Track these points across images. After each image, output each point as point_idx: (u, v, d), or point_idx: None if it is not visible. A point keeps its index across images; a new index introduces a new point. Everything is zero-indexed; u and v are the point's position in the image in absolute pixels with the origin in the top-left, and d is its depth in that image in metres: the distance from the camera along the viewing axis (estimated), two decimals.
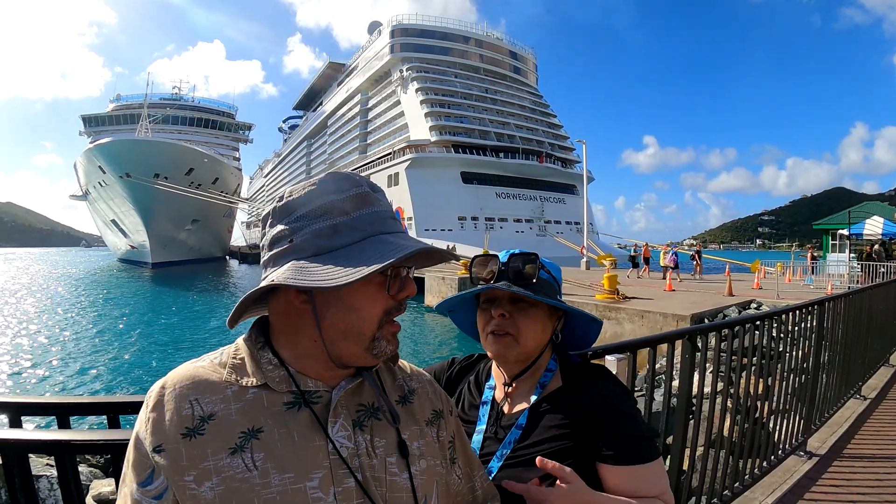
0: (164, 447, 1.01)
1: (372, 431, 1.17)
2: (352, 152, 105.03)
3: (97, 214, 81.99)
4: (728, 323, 4.13)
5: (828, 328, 5.71)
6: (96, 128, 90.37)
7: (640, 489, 1.58)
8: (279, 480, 1.02)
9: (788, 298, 18.26)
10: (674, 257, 31.15)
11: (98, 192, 69.51)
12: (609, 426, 1.62)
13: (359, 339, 1.11)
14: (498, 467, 1.65)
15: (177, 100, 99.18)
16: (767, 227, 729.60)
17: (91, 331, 25.96)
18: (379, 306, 1.11)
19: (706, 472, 3.78)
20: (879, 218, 28.77)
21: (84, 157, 65.79)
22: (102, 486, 5.38)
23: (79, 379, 17.38)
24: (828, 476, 4.71)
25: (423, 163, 78.28)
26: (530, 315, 1.74)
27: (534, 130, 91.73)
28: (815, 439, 5.43)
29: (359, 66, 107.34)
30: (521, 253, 1.77)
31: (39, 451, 1.80)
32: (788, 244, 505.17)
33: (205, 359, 1.16)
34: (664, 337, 3.39)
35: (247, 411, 1.07)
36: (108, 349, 21.88)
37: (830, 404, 5.98)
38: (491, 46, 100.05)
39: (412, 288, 1.15)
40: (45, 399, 2.02)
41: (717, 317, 16.34)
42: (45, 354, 20.63)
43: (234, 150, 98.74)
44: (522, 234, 77.85)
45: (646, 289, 23.27)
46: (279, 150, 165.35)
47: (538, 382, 1.77)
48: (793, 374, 5.11)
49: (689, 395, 3.52)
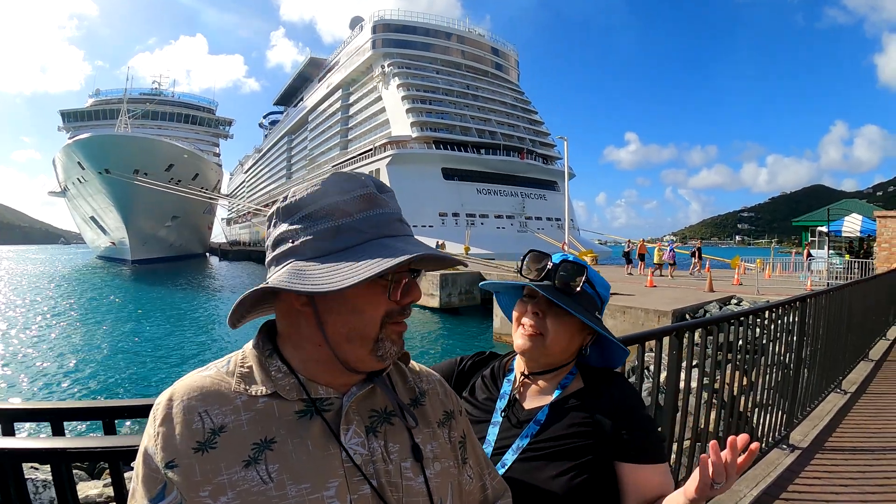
0: (176, 462, 0.99)
1: (386, 437, 1.16)
2: (332, 148, 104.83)
3: (76, 211, 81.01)
4: (714, 319, 4.18)
5: (809, 324, 5.79)
6: (75, 123, 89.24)
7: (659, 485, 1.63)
8: (296, 491, 1.00)
9: (768, 294, 18.54)
10: (672, 254, 31.21)
11: (77, 189, 68.74)
12: (632, 428, 1.66)
13: (362, 342, 1.10)
14: (513, 459, 1.67)
15: (157, 95, 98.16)
16: (747, 224, 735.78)
17: (75, 332, 25.52)
18: (381, 309, 1.10)
19: (692, 466, 3.81)
20: (858, 215, 29.06)
21: (63, 153, 64.98)
22: (89, 489, 5.33)
23: (68, 382, 17.15)
24: (810, 469, 4.78)
25: (404, 159, 78.28)
26: (563, 322, 1.75)
27: (515, 127, 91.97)
28: (797, 433, 5.51)
29: (340, 61, 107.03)
30: (572, 261, 1.79)
31: (35, 460, 1.75)
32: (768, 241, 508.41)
33: (211, 367, 1.14)
34: (652, 333, 3.44)
35: (258, 422, 1.06)
36: (93, 350, 21.62)
37: (812, 398, 6.08)
38: (473, 43, 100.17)
39: (417, 293, 1.14)
40: (37, 405, 1.99)
41: (699, 312, 16.53)
42: (29, 357, 20.29)
43: (214, 146, 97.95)
44: (503, 230, 77.94)
45: (627, 285, 23.33)
46: (260, 146, 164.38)
47: (559, 383, 1.80)
48: (775, 368, 5.19)
49: (676, 390, 3.57)
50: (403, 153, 79.07)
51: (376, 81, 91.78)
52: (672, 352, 3.56)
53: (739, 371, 4.58)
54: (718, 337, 4.10)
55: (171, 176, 61.95)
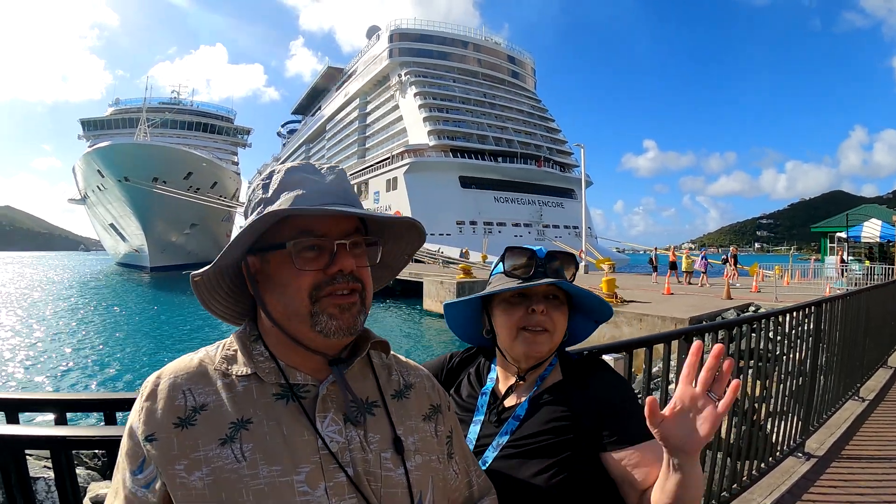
0: (156, 436, 1.03)
1: (366, 427, 1.16)
2: (350, 157, 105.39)
3: (96, 218, 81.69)
4: (725, 324, 4.13)
5: (825, 330, 5.71)
6: (95, 132, 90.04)
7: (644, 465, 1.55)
8: (267, 472, 1.02)
9: (787, 301, 18.20)
10: (704, 262, 30.14)
11: (97, 196, 69.30)
12: (612, 415, 1.63)
13: (299, 318, 1.11)
14: (493, 457, 1.65)
15: (175, 104, 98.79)
16: (766, 231, 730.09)
17: (89, 332, 25.97)
18: (303, 282, 1.11)
19: (704, 474, 3.78)
20: (877, 220, 28.82)
21: (83, 161, 65.56)
22: (100, 489, 5.33)
23: (76, 378, 17.42)
24: (826, 477, 4.71)
25: (422, 167, 78.53)
26: (562, 311, 1.76)
27: (532, 135, 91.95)
28: (813, 441, 5.42)
29: (357, 70, 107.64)
30: (560, 251, 1.79)
31: (35, 447, 1.80)
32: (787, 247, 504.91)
33: (200, 351, 1.18)
34: (661, 337, 3.40)
35: (237, 402, 1.08)
36: (106, 350, 21.90)
37: (828, 406, 5.98)
38: (489, 51, 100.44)
39: (345, 262, 1.12)
40: (41, 395, 2.03)
41: (716, 320, 16.28)
42: (43, 355, 20.65)
43: (232, 155, 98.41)
44: (521, 238, 77.59)
45: (644, 292, 23.21)
46: (278, 155, 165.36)
47: (538, 376, 1.77)
48: (791, 376, 5.11)
49: None
50: (421, 161, 79.32)
51: (393, 90, 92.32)
52: (681, 357, 3.50)
53: (754, 378, 4.54)
54: (730, 343, 4.05)
55: (189, 184, 62.32)
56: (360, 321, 1.15)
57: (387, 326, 28.82)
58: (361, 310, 1.16)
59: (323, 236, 1.12)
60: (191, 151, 66.77)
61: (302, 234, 1.11)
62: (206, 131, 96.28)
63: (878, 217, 30.10)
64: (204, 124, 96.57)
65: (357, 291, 1.15)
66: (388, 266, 1.39)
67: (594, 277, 30.58)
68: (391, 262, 1.39)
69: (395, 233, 1.31)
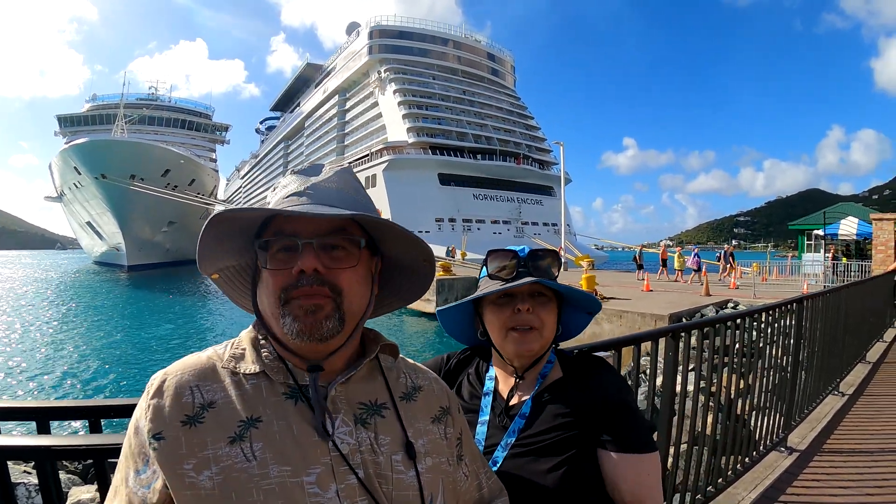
0: (163, 434, 1.01)
1: (376, 429, 1.16)
2: (329, 154, 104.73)
3: (72, 216, 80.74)
4: (711, 321, 4.17)
5: (806, 326, 5.78)
6: (72, 128, 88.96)
7: (638, 478, 1.60)
8: (277, 472, 1.01)
9: (765, 298, 18.42)
10: (697, 259, 29.89)
11: (73, 194, 68.51)
12: (613, 415, 1.64)
13: (274, 318, 1.12)
14: (503, 457, 1.65)
15: (153, 100, 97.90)
16: (743, 228, 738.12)
17: (67, 335, 25.66)
18: (275, 284, 1.11)
19: (690, 469, 3.80)
20: (854, 218, 29.18)
21: (59, 158, 64.78)
22: (82, 493, 5.28)
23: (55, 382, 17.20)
24: (808, 471, 4.77)
25: (401, 164, 78.41)
26: (549, 308, 1.76)
27: (511, 132, 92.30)
28: (795, 435, 5.49)
29: (337, 67, 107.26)
30: (542, 249, 1.81)
31: (18, 458, 1.76)
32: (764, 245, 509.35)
33: (208, 350, 1.17)
34: (648, 335, 3.40)
35: (246, 400, 1.07)
36: (82, 352, 21.71)
37: (809, 401, 6.07)
38: (469, 48, 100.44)
39: (304, 261, 1.09)
40: (23, 403, 1.98)
41: (695, 316, 16.49)
42: (21, 359, 20.31)
43: (210, 152, 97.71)
44: (500, 235, 78.00)
45: (624, 289, 23.39)
46: (256, 152, 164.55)
47: (539, 374, 1.78)
48: (772, 371, 5.16)
49: (672, 393, 3.54)
50: (400, 159, 79.21)
51: (373, 87, 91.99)
52: (668, 353, 3.53)
53: (737, 374, 4.57)
54: (715, 339, 4.08)
55: (167, 181, 61.82)
56: (327, 327, 1.10)
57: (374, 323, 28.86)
58: (333, 315, 1.11)
59: (292, 236, 1.11)
60: (168, 148, 66.13)
61: (275, 234, 1.12)
62: (184, 128, 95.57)
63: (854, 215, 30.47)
64: (182, 121, 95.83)
65: (323, 295, 1.11)
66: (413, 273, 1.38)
67: (573, 274, 30.68)
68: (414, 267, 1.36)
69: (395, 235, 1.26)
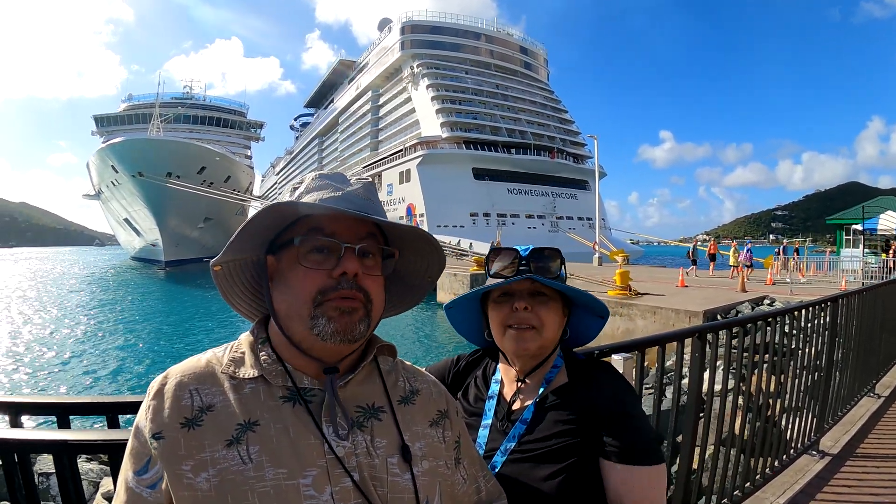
0: (163, 435, 1.03)
1: (372, 432, 1.17)
2: (363, 149, 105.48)
3: (110, 213, 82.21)
4: (739, 321, 4.08)
5: (841, 325, 5.63)
6: (108, 128, 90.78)
7: (639, 491, 1.57)
8: (273, 475, 1.03)
9: (802, 294, 18.10)
10: (749, 255, 28.97)
11: (111, 192, 69.70)
12: (615, 423, 1.61)
13: (300, 319, 1.12)
14: (502, 462, 1.65)
15: (188, 99, 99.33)
16: (780, 223, 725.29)
17: (100, 331, 26.14)
18: (310, 284, 1.12)
19: (716, 472, 3.74)
20: (894, 213, 28.51)
21: (96, 157, 65.91)
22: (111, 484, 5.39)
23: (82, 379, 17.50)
24: (840, 476, 4.66)
25: (435, 159, 78.38)
26: (550, 308, 1.73)
27: (545, 126, 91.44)
28: (827, 438, 5.36)
29: (369, 63, 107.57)
30: (545, 247, 1.77)
31: (38, 451, 1.84)
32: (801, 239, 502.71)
33: (208, 352, 1.19)
34: (673, 335, 3.36)
35: (244, 403, 1.09)
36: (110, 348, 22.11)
37: (843, 403, 5.90)
38: (501, 42, 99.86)
39: (348, 265, 1.12)
40: (44, 399, 2.04)
41: (730, 313, 16.19)
42: (52, 354, 20.79)
43: (245, 149, 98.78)
44: (534, 230, 77.46)
45: (658, 285, 23.09)
46: (291, 148, 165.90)
47: (544, 378, 1.76)
48: (805, 371, 5.05)
49: (699, 394, 3.48)
50: (434, 153, 79.15)
51: (406, 82, 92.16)
52: (695, 354, 3.47)
53: (768, 373, 4.48)
54: (745, 339, 4.01)
55: (203, 178, 62.46)
56: (359, 329, 1.14)
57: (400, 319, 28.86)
58: (364, 319, 1.15)
59: (331, 237, 1.13)
60: (204, 146, 66.95)
61: (310, 232, 1.13)
62: (219, 126, 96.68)
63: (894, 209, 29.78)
64: (216, 119, 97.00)
65: (359, 300, 1.14)
66: (410, 286, 1.42)
67: (608, 269, 30.36)
68: (413, 282, 1.41)
69: (415, 248, 1.31)
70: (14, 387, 16.65)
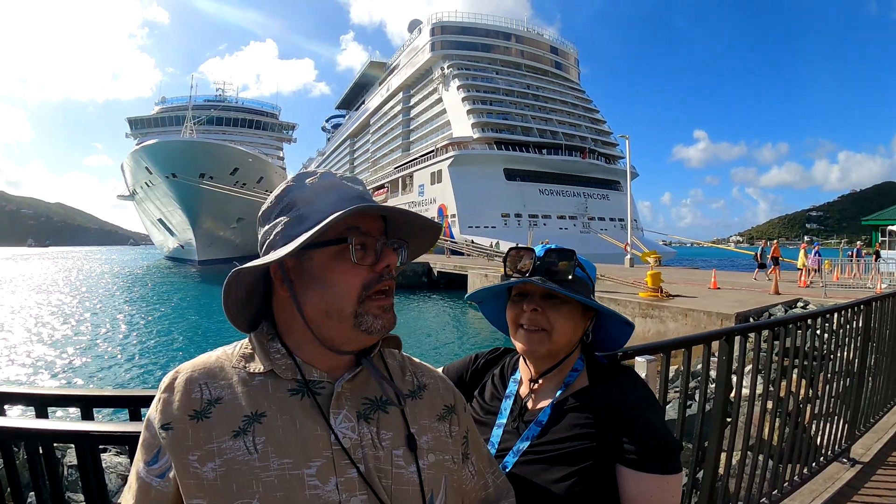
0: (171, 426, 1.06)
1: (379, 424, 1.18)
2: (394, 150, 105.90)
3: (144, 214, 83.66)
4: (766, 324, 4.02)
5: (875, 329, 5.50)
6: (142, 130, 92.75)
7: (655, 499, 1.55)
8: (278, 465, 1.05)
9: (836, 297, 17.73)
10: (818, 257, 27.06)
11: (145, 192, 70.88)
12: (634, 429, 1.59)
13: (341, 318, 1.13)
14: (513, 463, 1.64)
15: (221, 101, 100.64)
16: (815, 224, 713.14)
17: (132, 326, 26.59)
18: (354, 280, 1.13)
19: (743, 478, 3.69)
20: None
21: (131, 159, 67.05)
22: None
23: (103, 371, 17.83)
24: (871, 485, 4.54)
25: (466, 160, 78.48)
26: (563, 312, 1.71)
27: (576, 126, 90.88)
28: (858, 446, 5.23)
29: (400, 64, 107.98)
30: (558, 249, 1.75)
31: (61, 441, 1.91)
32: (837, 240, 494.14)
33: (218, 350, 1.22)
34: (699, 338, 3.30)
35: (252, 396, 1.11)
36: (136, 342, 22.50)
37: (876, 409, 5.75)
38: (532, 42, 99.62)
39: (389, 258, 1.16)
40: (69, 391, 2.10)
41: (763, 316, 15.90)
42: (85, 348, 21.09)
43: (278, 150, 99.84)
44: (566, 230, 77.07)
45: (690, 287, 22.80)
46: (322, 149, 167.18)
47: (563, 381, 1.75)
48: (837, 376, 4.94)
49: (725, 398, 3.43)
50: (465, 154, 79.27)
51: (436, 83, 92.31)
52: (721, 357, 3.42)
53: (798, 378, 4.42)
54: (774, 342, 3.95)
55: (236, 179, 63.06)
56: (393, 322, 1.19)
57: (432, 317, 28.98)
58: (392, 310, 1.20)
59: (369, 234, 1.15)
60: (237, 147, 67.67)
61: (348, 230, 1.13)
62: (251, 127, 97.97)
63: None
64: (249, 121, 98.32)
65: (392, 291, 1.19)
66: None
67: (640, 271, 30.08)
68: None
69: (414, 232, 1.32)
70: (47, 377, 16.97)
